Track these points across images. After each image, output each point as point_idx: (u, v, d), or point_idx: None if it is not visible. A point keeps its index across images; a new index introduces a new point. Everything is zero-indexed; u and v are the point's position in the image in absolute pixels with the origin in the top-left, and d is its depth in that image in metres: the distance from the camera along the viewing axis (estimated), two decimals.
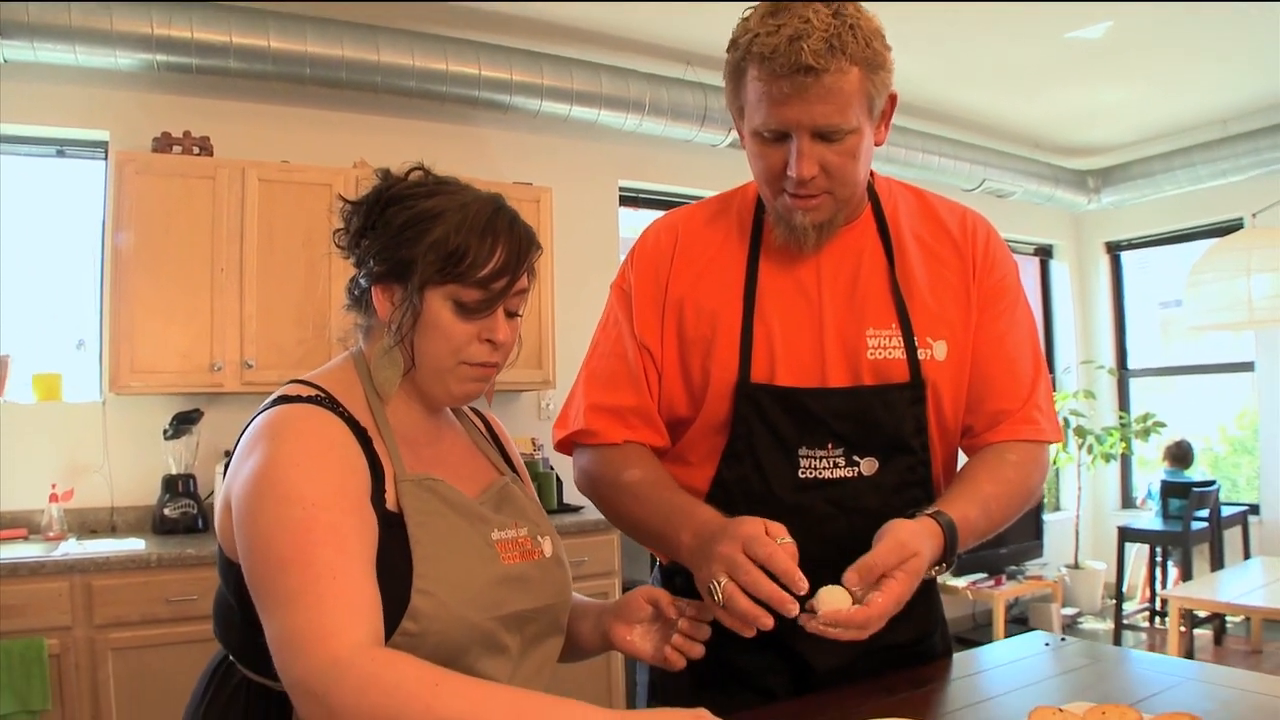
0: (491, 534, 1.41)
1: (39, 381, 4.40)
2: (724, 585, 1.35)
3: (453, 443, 1.54)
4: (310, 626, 1.15)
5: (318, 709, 1.12)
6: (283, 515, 1.21)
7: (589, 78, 5.16)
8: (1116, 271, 8.30)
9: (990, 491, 1.59)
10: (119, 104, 4.48)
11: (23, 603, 3.43)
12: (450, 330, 1.37)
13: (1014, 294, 1.74)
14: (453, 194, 1.41)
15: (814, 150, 1.51)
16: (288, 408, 1.33)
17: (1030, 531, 7.01)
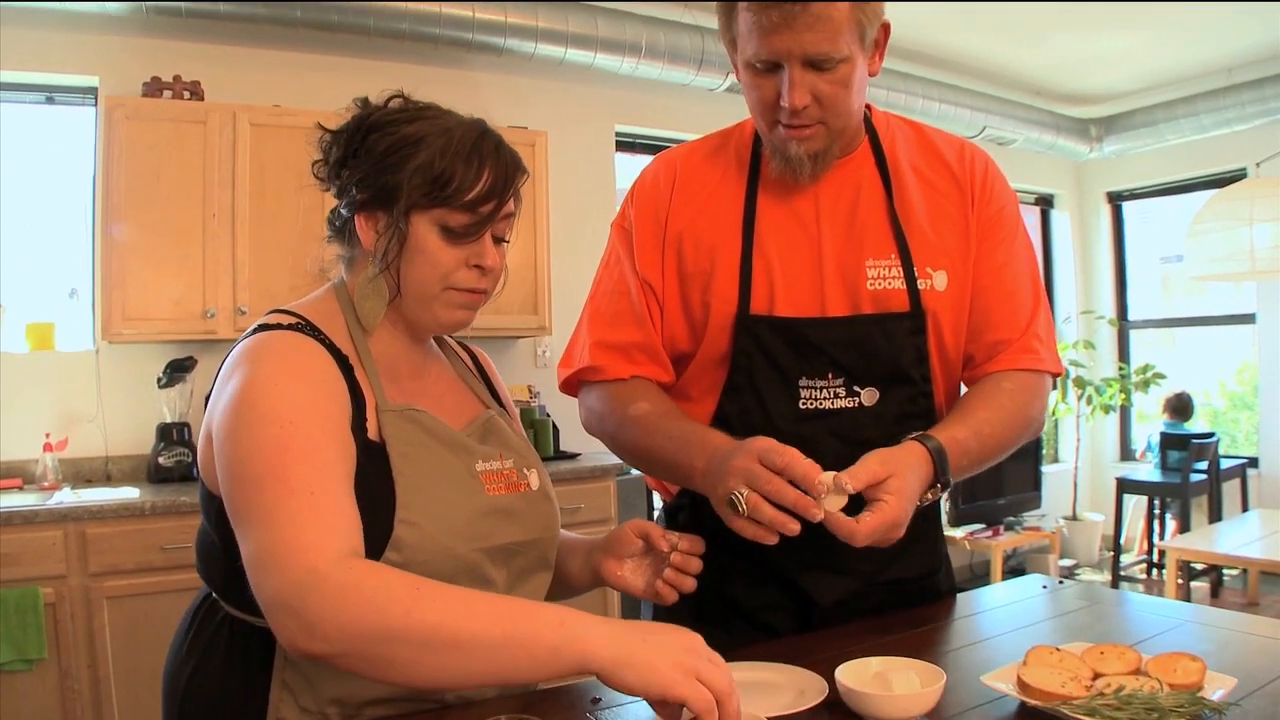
0: (476, 465, 1.38)
1: (32, 331, 4.37)
2: (747, 496, 1.35)
3: (438, 375, 1.51)
4: (286, 541, 1.11)
5: (294, 623, 1.08)
6: (260, 434, 1.19)
7: (585, 20, 5.09)
8: (1118, 222, 8.25)
9: (983, 415, 1.59)
10: (108, 49, 4.41)
11: (17, 552, 3.41)
12: (438, 255, 1.34)
13: (1013, 225, 1.73)
14: (435, 119, 1.37)
15: (806, 79, 1.50)
16: (267, 334, 1.30)
17: (1028, 483, 7.02)
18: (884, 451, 1.43)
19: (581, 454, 4.90)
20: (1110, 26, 5.95)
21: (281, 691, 1.26)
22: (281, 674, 1.26)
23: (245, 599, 1.22)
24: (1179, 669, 1.25)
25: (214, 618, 1.35)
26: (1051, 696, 1.19)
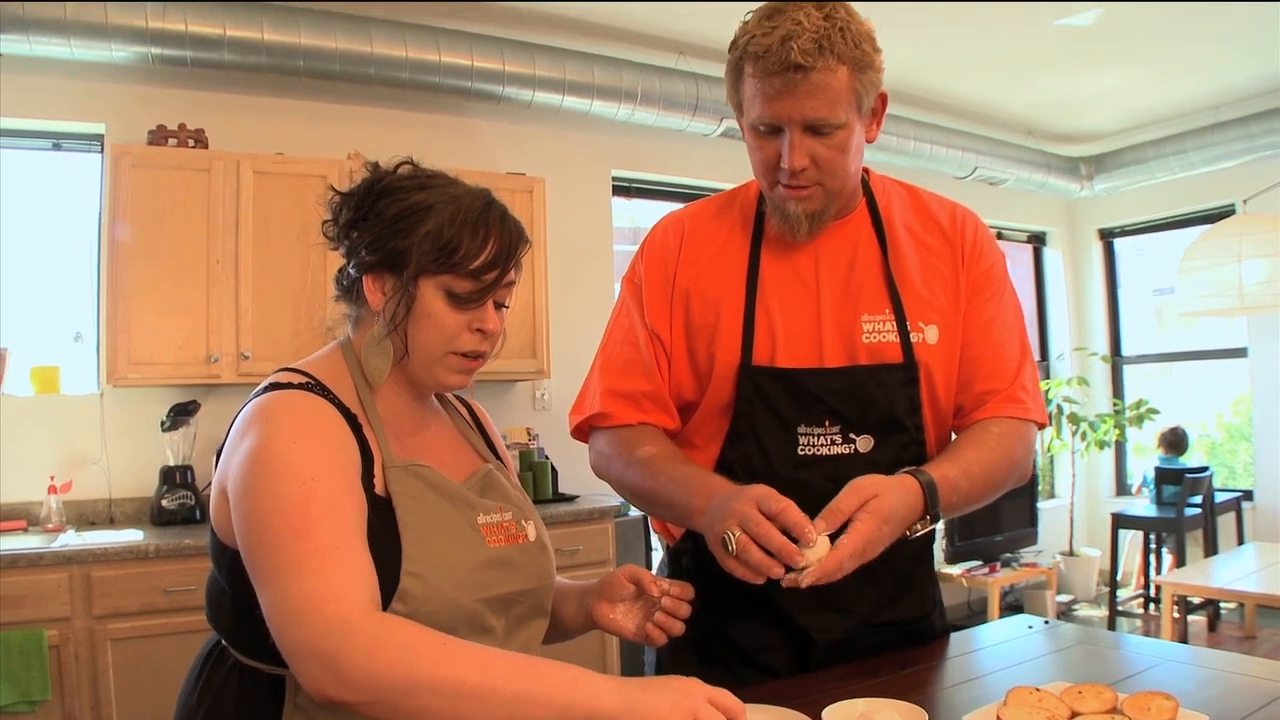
0: (477, 518, 1.44)
1: (37, 374, 4.42)
2: (738, 537, 1.42)
3: (438, 430, 1.57)
4: (315, 593, 1.17)
5: (324, 672, 1.13)
6: (281, 490, 1.24)
7: (582, 68, 5.19)
8: (1110, 258, 8.33)
9: (972, 456, 1.67)
10: (114, 97, 4.50)
11: (22, 594, 3.46)
12: (443, 319, 1.41)
13: (1000, 282, 1.83)
14: (443, 187, 1.45)
15: (805, 143, 1.60)
16: (279, 393, 1.36)
17: (1025, 519, 7.06)
18: (868, 477, 1.50)
19: (580, 496, 4.95)
20: (1098, 67, 6.06)
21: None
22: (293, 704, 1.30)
23: (254, 647, 1.29)
24: (1153, 708, 1.30)
25: (224, 664, 1.40)
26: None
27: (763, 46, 1.56)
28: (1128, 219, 8.07)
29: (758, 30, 1.58)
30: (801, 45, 1.52)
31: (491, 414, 1.82)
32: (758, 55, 1.57)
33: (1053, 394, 7.48)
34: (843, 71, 1.56)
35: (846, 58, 1.56)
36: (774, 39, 1.55)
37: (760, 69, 1.58)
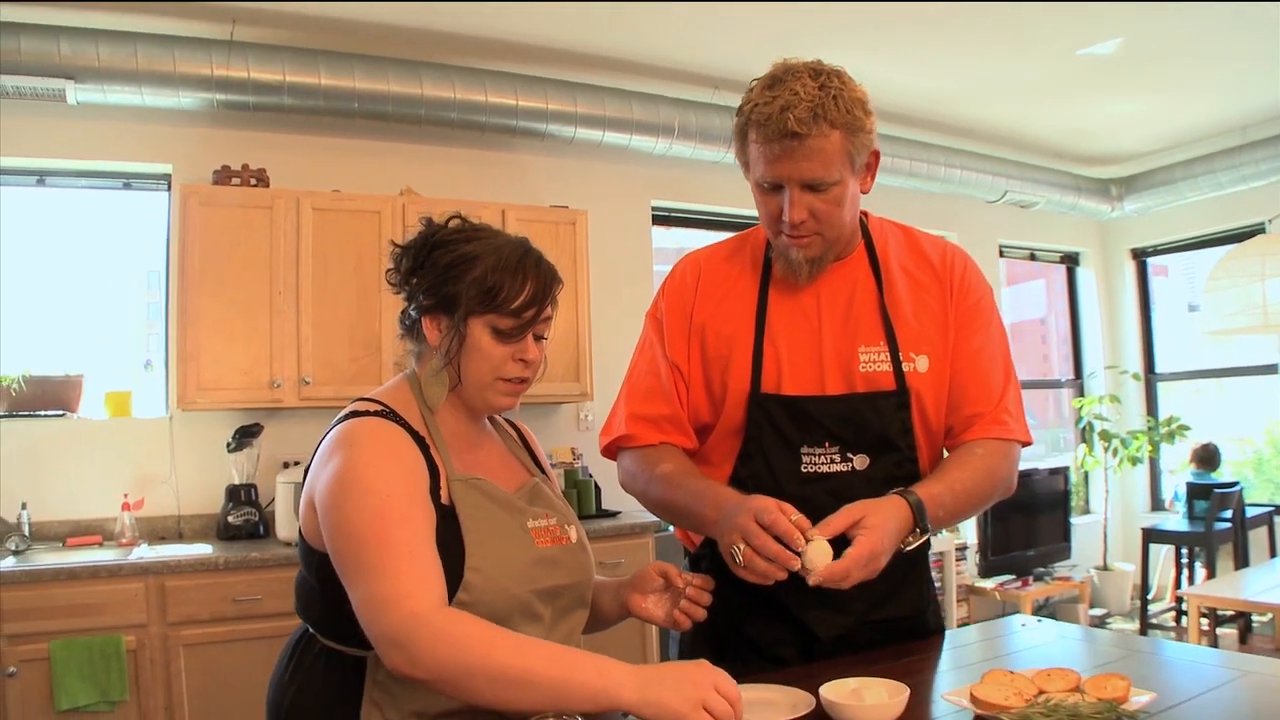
0: (527, 523, 1.69)
1: (110, 399, 4.70)
2: (743, 550, 1.62)
3: (491, 448, 1.82)
4: (392, 590, 1.42)
5: (401, 657, 1.39)
6: (363, 504, 1.49)
7: (620, 104, 5.41)
8: (1143, 277, 8.41)
9: (957, 475, 1.85)
10: (181, 139, 4.79)
11: (102, 602, 3.72)
12: (490, 352, 1.65)
13: (987, 314, 2.01)
14: (487, 239, 1.69)
15: (803, 199, 1.80)
16: (359, 420, 1.61)
17: (1058, 534, 7.19)
18: (860, 501, 1.70)
19: (622, 512, 5.15)
20: (1125, 90, 6.14)
21: (371, 707, 1.55)
22: (371, 693, 1.55)
23: (339, 633, 1.55)
24: (1109, 686, 1.50)
25: (312, 649, 1.65)
26: (995, 707, 1.45)
27: (764, 115, 1.75)
28: (1159, 239, 8.14)
29: (760, 99, 1.77)
30: (798, 115, 1.71)
31: (537, 434, 2.07)
32: (760, 123, 1.76)
33: (1084, 412, 7.60)
34: (836, 136, 1.74)
35: (839, 123, 1.74)
36: (774, 108, 1.73)
37: (762, 135, 1.77)
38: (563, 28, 4.93)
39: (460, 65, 5.08)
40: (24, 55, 4.10)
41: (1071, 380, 8.47)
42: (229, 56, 4.47)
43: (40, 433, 4.48)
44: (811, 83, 1.74)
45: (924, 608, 2.07)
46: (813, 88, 1.73)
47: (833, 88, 1.75)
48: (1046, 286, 8.86)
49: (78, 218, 4.93)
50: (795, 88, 1.73)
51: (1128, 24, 5.07)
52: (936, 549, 6.62)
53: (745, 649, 1.95)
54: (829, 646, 1.92)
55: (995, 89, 6.08)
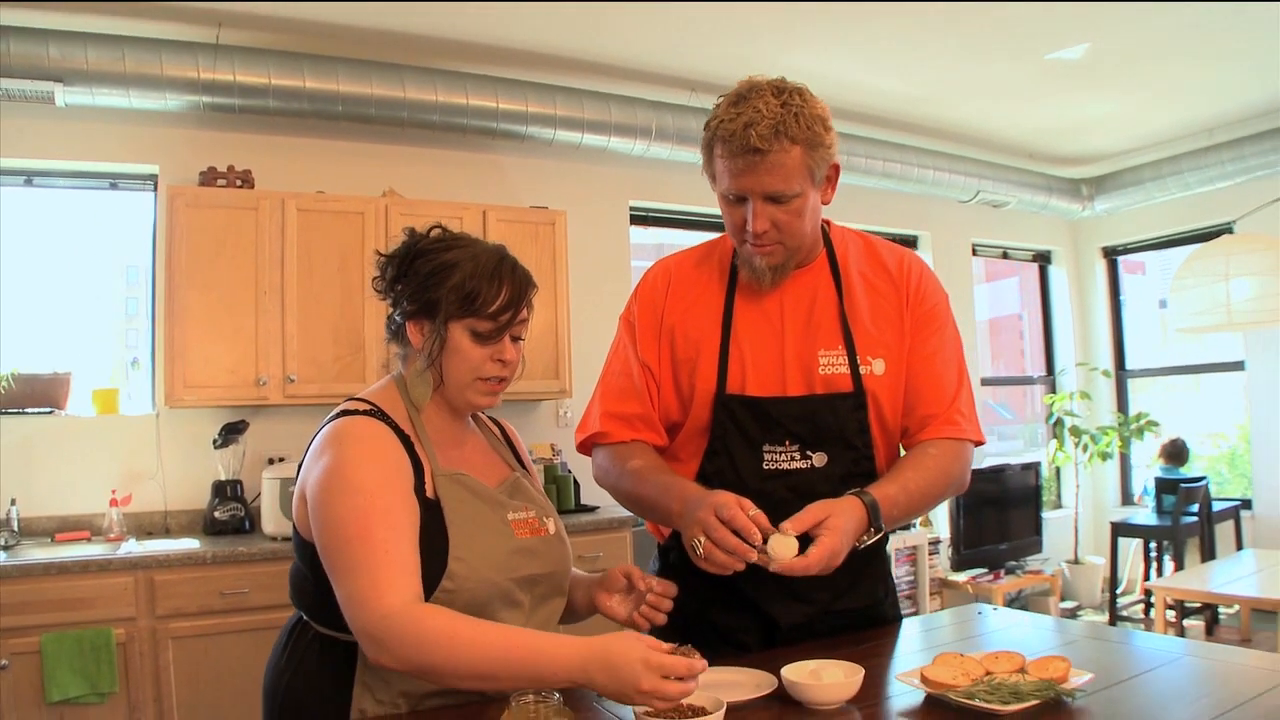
0: (507, 515, 1.80)
1: (98, 396, 4.78)
2: (703, 543, 1.72)
3: (474, 445, 1.93)
4: (368, 588, 1.55)
5: (374, 651, 1.54)
6: (349, 503, 1.61)
7: (599, 107, 5.51)
8: (1113, 275, 8.56)
9: (910, 475, 1.95)
10: (167, 140, 4.87)
11: (92, 596, 3.80)
12: (469, 354, 1.77)
13: (942, 319, 2.11)
14: (466, 247, 1.81)
15: (765, 210, 1.90)
16: (349, 419, 1.72)
17: (1029, 528, 7.32)
18: (823, 501, 1.80)
19: (600, 507, 5.23)
20: (1095, 93, 6.26)
21: (362, 689, 1.66)
22: (362, 676, 1.66)
23: (332, 620, 1.66)
24: (1050, 667, 1.61)
25: (305, 635, 1.76)
26: (943, 686, 1.56)
27: (729, 131, 1.84)
28: (1129, 238, 8.29)
29: (725, 116, 1.86)
30: (760, 131, 1.80)
31: (518, 430, 2.18)
32: (725, 139, 1.86)
33: (1055, 408, 7.74)
34: (796, 151, 1.84)
35: (800, 139, 1.84)
36: (738, 125, 1.82)
37: (727, 150, 1.86)
38: (543, 32, 5.01)
39: (442, 69, 5.17)
40: (13, 58, 4.16)
41: (1044, 377, 8.62)
42: (215, 60, 4.54)
43: (29, 430, 4.55)
44: (774, 100, 1.83)
45: (881, 598, 2.18)
46: (775, 105, 1.82)
47: (794, 105, 1.84)
48: (1019, 285, 8.99)
49: (65, 218, 4.99)
50: (759, 105, 1.82)
51: (1097, 28, 5.17)
52: (910, 543, 6.77)
53: (711, 635, 2.02)
54: (788, 634, 2.03)
55: (967, 91, 6.19)
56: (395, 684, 1.66)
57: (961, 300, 7.77)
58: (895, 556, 6.68)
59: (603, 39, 5.16)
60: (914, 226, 7.63)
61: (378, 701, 1.65)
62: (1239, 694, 1.59)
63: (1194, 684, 1.71)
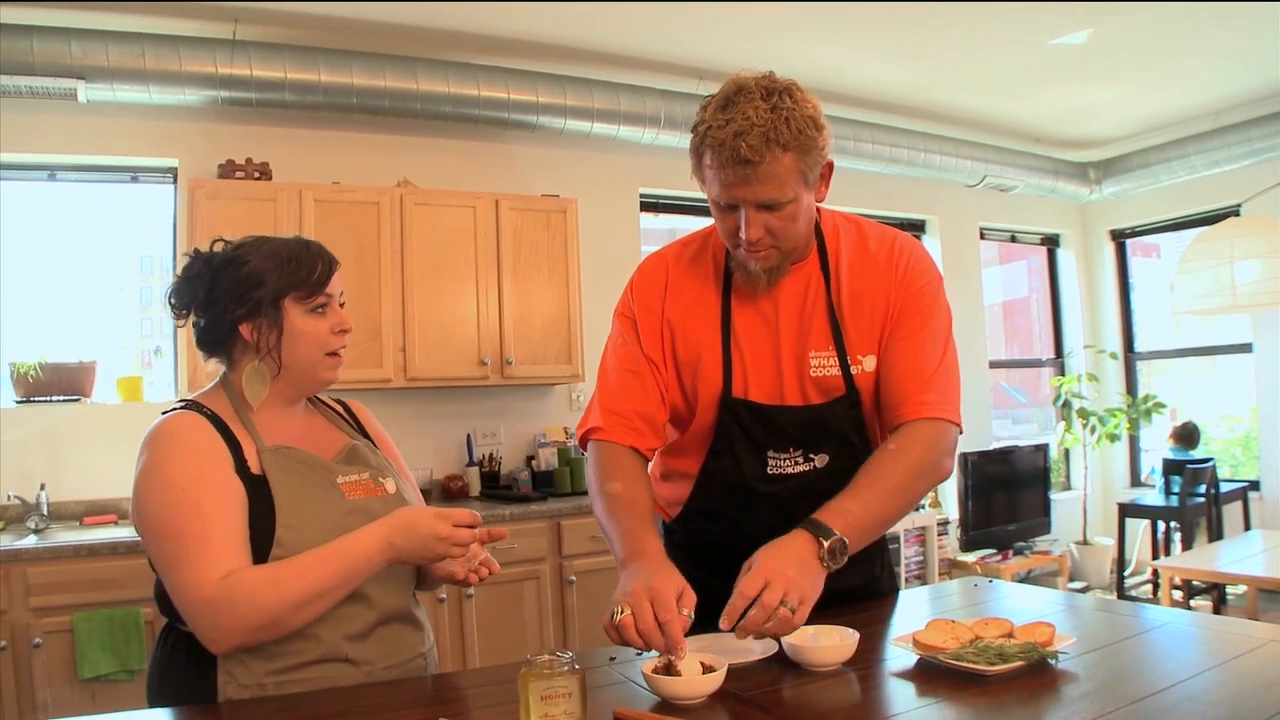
0: (336, 479, 1.86)
1: (122, 384, 4.90)
2: (623, 616, 1.59)
3: (309, 424, 1.98)
4: (186, 582, 1.63)
5: (207, 635, 1.64)
6: (159, 500, 1.69)
7: (608, 96, 5.60)
8: (1121, 258, 8.60)
9: (863, 480, 1.86)
10: (187, 134, 4.97)
11: (120, 577, 3.91)
12: (314, 331, 1.84)
13: (931, 302, 2.06)
14: (265, 243, 1.87)
15: (758, 218, 1.85)
16: (162, 419, 1.78)
17: (1038, 509, 7.40)
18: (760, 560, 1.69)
19: None
20: (1100, 77, 6.31)
21: (225, 678, 1.69)
22: (223, 665, 1.69)
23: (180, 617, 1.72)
24: (1036, 632, 1.70)
25: (170, 636, 1.80)
26: (933, 649, 1.66)
27: (717, 140, 1.78)
28: (1137, 221, 8.33)
29: (714, 122, 1.79)
30: (750, 142, 1.75)
31: (529, 414, 2.26)
32: (714, 147, 1.79)
33: (1063, 390, 7.80)
34: (788, 158, 1.78)
35: (791, 145, 1.77)
36: (727, 133, 1.76)
37: (716, 160, 1.80)
38: (552, 23, 5.10)
39: (454, 60, 5.26)
40: (37, 56, 4.28)
41: (1052, 359, 8.67)
42: (232, 55, 4.65)
43: (56, 417, 4.67)
44: (764, 105, 1.77)
45: (878, 574, 2.24)
46: (765, 110, 1.76)
47: (784, 109, 1.78)
48: (1027, 269, 9.04)
49: (87, 211, 5.10)
50: (747, 111, 1.76)
51: (1100, 12, 5.21)
52: (919, 523, 6.85)
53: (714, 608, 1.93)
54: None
55: (973, 77, 6.24)
56: (256, 668, 1.70)
57: (970, 284, 7.85)
58: (904, 537, 6.78)
59: (611, 30, 5.24)
60: (922, 211, 7.69)
61: (241, 687, 1.69)
62: (1217, 654, 1.68)
63: (1178, 647, 1.79)
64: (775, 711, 1.49)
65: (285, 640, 1.69)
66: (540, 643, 4.68)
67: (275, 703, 1.65)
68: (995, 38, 5.57)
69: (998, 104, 6.83)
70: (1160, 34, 5.57)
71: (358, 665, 1.76)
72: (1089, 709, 1.40)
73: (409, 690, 1.74)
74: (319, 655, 1.72)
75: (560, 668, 1.40)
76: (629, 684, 1.67)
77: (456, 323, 5.12)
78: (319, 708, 1.61)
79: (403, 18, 4.89)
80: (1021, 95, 6.64)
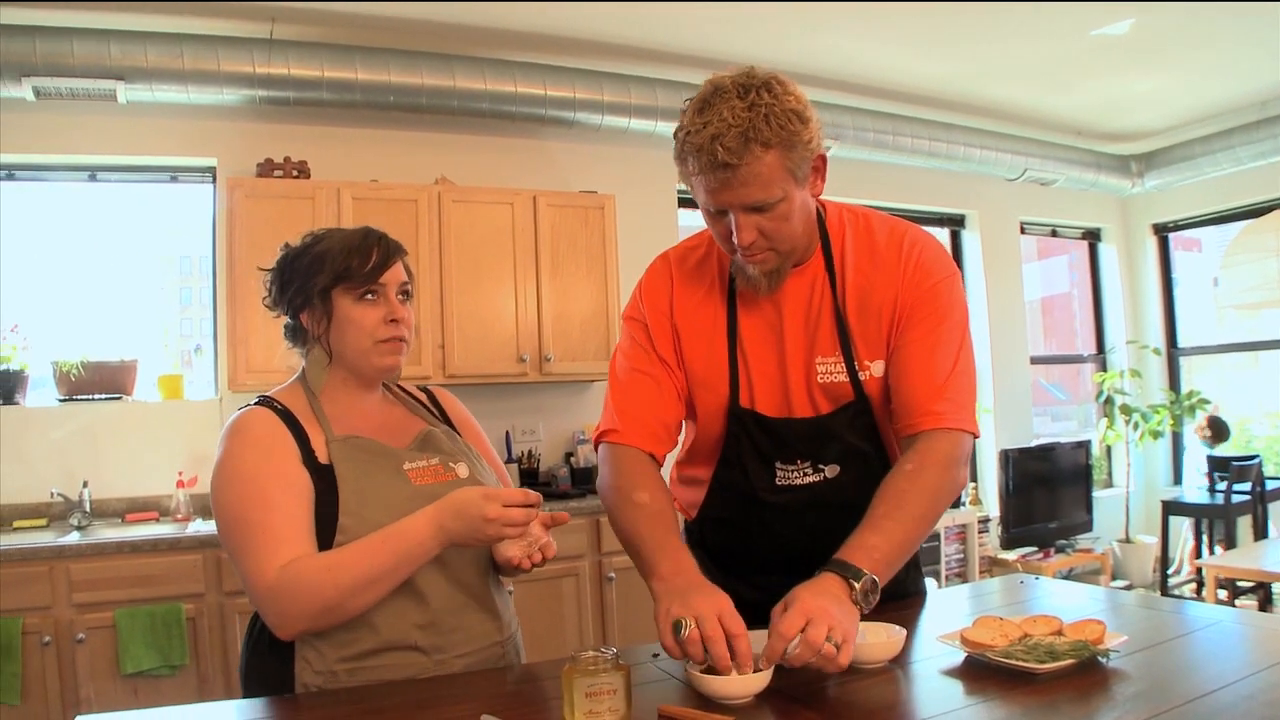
0: (403, 465, 1.87)
1: (163, 382, 4.94)
2: (690, 630, 1.54)
3: (384, 413, 2.01)
4: (250, 572, 1.69)
5: (275, 624, 1.70)
6: (228, 493, 1.76)
7: (645, 92, 5.58)
8: (1164, 252, 8.47)
9: (881, 510, 1.77)
10: (225, 134, 5.01)
11: (163, 573, 3.96)
12: (362, 319, 1.87)
13: (944, 304, 1.94)
14: (330, 235, 1.94)
15: (749, 221, 1.78)
16: (235, 416, 1.85)
17: (1080, 507, 7.33)
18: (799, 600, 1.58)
19: None
20: (1142, 68, 6.21)
21: (301, 664, 1.74)
22: (300, 651, 1.75)
23: None
24: (1086, 630, 1.67)
25: (257, 623, 1.84)
26: (981, 646, 1.63)
27: (695, 145, 1.71)
28: (1181, 214, 8.21)
29: (691, 126, 1.73)
30: (727, 144, 1.67)
31: (568, 411, 2.25)
32: (693, 153, 1.73)
33: (1105, 386, 7.70)
34: (770, 156, 1.70)
35: (773, 143, 1.69)
36: (704, 137, 1.69)
37: (697, 165, 1.73)
38: (588, 19, 5.09)
39: (490, 57, 5.26)
40: (77, 58, 4.32)
41: (1094, 355, 8.58)
42: (270, 54, 4.67)
43: (98, 415, 4.71)
44: (740, 104, 1.70)
45: (903, 577, 2.09)
46: (741, 109, 1.69)
47: (762, 105, 1.70)
48: (1068, 263, 8.94)
49: (127, 211, 5.15)
50: (723, 112, 1.69)
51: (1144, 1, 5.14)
52: (959, 521, 6.79)
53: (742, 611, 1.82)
54: None
55: (1012, 69, 6.17)
56: (328, 654, 1.74)
57: (1010, 280, 7.78)
58: (945, 535, 6.72)
59: (649, 25, 5.22)
60: (962, 206, 7.63)
61: (316, 673, 1.74)
62: (1272, 654, 1.64)
63: (1229, 646, 1.75)
64: (822, 710, 1.47)
65: (353, 629, 1.73)
66: (579, 640, 4.68)
67: (346, 695, 1.68)
68: (1035, 29, 5.49)
69: (1038, 96, 6.74)
70: (1204, 23, 5.47)
71: (428, 654, 1.78)
72: (1142, 709, 1.37)
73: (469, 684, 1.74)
74: (386, 644, 1.76)
75: (605, 664, 1.39)
76: (671, 681, 1.66)
77: (495, 319, 5.12)
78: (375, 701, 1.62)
79: (439, 15, 4.90)
80: (1062, 87, 6.56)
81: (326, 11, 4.74)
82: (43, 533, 4.28)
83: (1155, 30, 5.56)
